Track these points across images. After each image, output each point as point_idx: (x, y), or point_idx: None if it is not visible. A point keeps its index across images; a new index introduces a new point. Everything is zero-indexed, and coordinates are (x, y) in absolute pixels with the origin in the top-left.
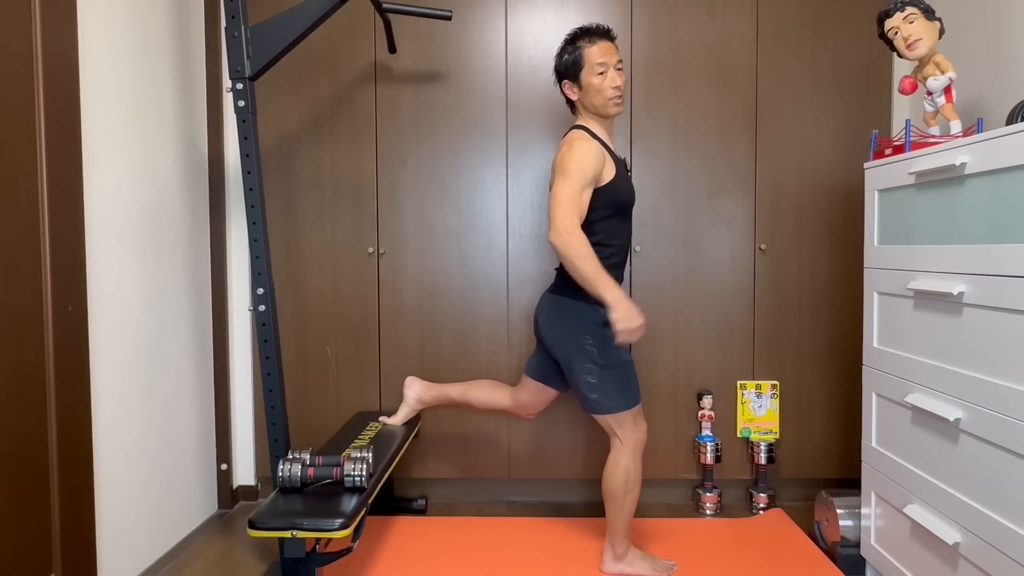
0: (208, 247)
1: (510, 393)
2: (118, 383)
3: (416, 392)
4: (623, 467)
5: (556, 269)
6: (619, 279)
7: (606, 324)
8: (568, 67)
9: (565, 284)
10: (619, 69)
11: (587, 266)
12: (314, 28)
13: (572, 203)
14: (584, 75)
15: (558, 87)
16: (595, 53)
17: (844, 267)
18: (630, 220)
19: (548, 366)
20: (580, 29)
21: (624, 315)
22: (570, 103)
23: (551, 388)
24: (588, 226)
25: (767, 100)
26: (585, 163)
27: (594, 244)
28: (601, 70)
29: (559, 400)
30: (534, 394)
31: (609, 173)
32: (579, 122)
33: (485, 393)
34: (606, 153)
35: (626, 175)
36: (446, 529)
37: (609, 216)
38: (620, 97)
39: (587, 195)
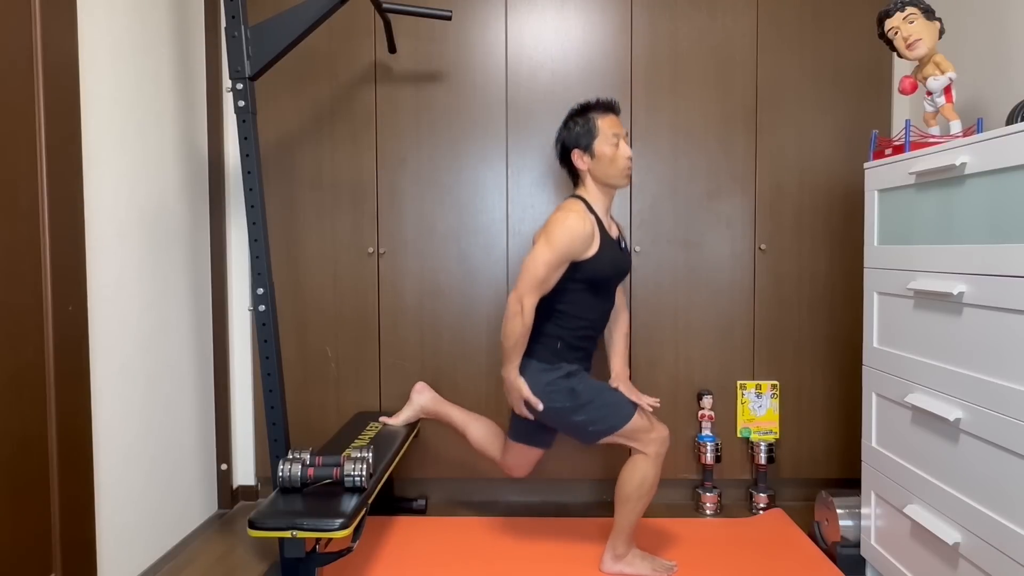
0: (208, 247)
1: (502, 448)
2: (118, 383)
3: (424, 400)
4: (641, 472)
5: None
6: (591, 348)
7: (568, 375)
8: (580, 137)
9: (529, 348)
10: (626, 142)
11: (509, 342)
12: (314, 28)
13: (542, 276)
14: (598, 144)
15: (559, 159)
16: (608, 123)
17: (844, 267)
18: (611, 296)
19: (528, 426)
20: (587, 102)
21: (505, 391)
22: (573, 174)
23: (535, 448)
24: (560, 294)
25: (767, 100)
26: (574, 239)
27: (562, 313)
28: (615, 140)
29: None
30: (519, 456)
31: (592, 249)
32: (579, 193)
33: (482, 436)
34: (596, 231)
35: (614, 251)
36: (446, 529)
37: (583, 289)
38: (631, 168)
39: (559, 272)
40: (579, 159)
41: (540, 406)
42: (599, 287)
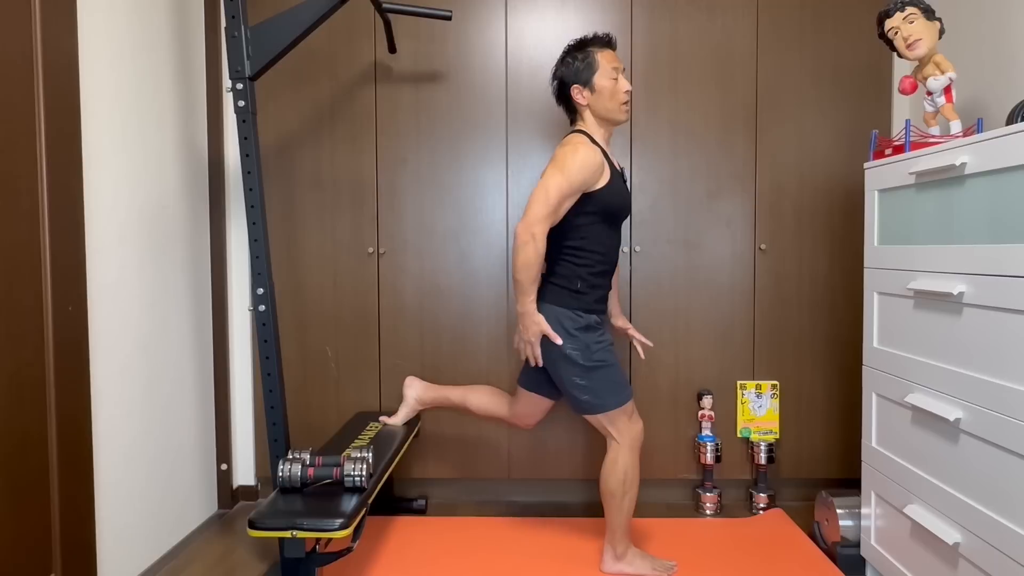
0: (208, 247)
1: (508, 403)
2: (118, 383)
3: (415, 392)
4: (620, 466)
5: (543, 275)
6: (607, 287)
7: (587, 328)
8: (579, 72)
9: (546, 293)
10: (625, 77)
11: (524, 273)
12: (314, 28)
13: (554, 203)
14: (598, 79)
15: (556, 96)
16: (607, 58)
17: (844, 267)
18: (619, 229)
19: (540, 375)
20: (585, 37)
21: (522, 327)
22: (570, 112)
23: (545, 398)
24: (575, 230)
25: (767, 100)
26: (585, 167)
27: (578, 249)
28: (615, 74)
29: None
30: (529, 405)
31: (604, 179)
32: (580, 128)
33: (484, 400)
34: (605, 161)
35: (621, 184)
36: (446, 529)
37: (598, 222)
38: (629, 103)
39: (570, 202)
40: (579, 94)
41: (559, 340)
42: (612, 219)
